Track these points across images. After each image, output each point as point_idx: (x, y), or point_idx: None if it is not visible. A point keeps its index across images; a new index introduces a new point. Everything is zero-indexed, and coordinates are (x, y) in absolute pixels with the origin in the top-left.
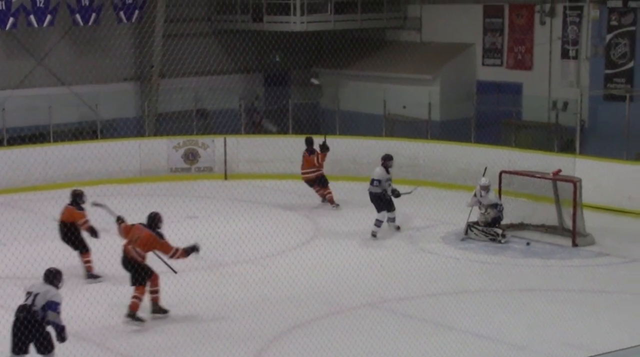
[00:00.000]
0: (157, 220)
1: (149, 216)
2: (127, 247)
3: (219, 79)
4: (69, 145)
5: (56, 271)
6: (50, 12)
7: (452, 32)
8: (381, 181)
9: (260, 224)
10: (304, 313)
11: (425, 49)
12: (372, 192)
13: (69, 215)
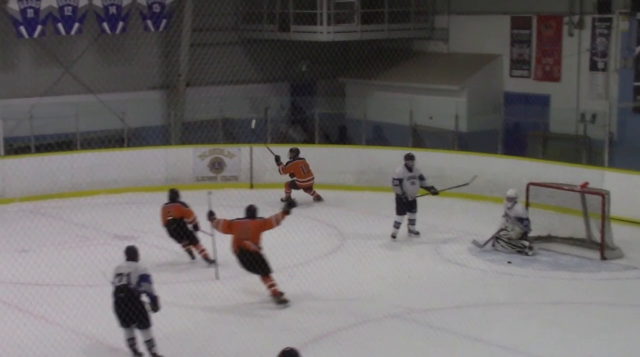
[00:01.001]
0: (256, 210)
1: (249, 209)
2: (243, 244)
3: (246, 88)
4: (96, 153)
5: (135, 248)
6: (79, 20)
7: (479, 43)
8: (402, 179)
9: (286, 233)
10: (329, 323)
11: (452, 59)
12: (397, 193)
13: (178, 212)
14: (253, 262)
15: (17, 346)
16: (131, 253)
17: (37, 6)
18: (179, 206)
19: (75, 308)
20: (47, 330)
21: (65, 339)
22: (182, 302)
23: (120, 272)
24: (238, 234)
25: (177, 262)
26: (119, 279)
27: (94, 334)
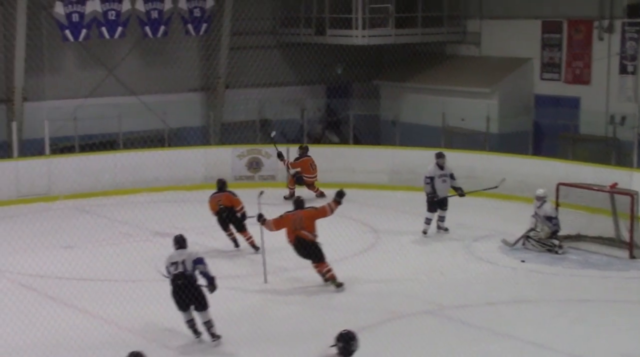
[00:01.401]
0: (304, 201)
1: (296, 201)
2: (299, 234)
3: (283, 90)
4: (138, 152)
5: (183, 236)
6: (122, 25)
7: (510, 46)
8: (433, 177)
9: (321, 231)
10: (363, 319)
11: (484, 63)
12: (425, 191)
13: (228, 200)
14: (309, 251)
15: (62, 338)
16: (181, 241)
17: (82, 11)
18: (228, 195)
19: (117, 302)
20: (89, 323)
21: (107, 332)
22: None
23: (175, 261)
24: (293, 226)
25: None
26: (175, 268)
27: (135, 327)
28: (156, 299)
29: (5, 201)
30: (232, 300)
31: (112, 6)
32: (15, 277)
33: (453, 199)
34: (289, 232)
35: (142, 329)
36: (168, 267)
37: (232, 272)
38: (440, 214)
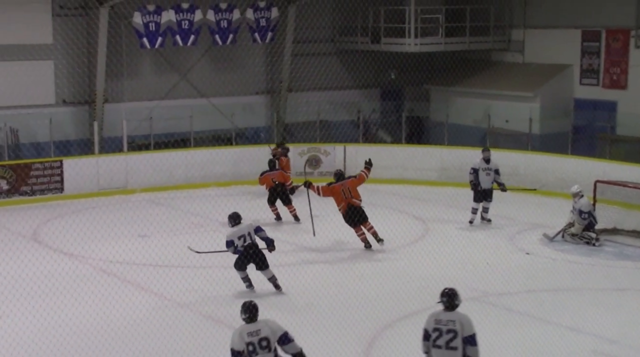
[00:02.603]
0: (344, 172)
1: (338, 173)
2: (350, 202)
3: (340, 93)
4: (207, 150)
5: (236, 213)
6: (194, 33)
7: (552, 54)
8: (478, 169)
9: (375, 224)
10: (413, 304)
11: (527, 69)
12: (469, 180)
13: (281, 177)
14: (358, 215)
15: (138, 318)
16: (237, 217)
17: (158, 20)
18: (281, 173)
19: (188, 286)
20: (163, 305)
21: (179, 314)
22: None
23: (242, 235)
24: (342, 195)
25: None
26: (244, 240)
27: (205, 310)
28: (224, 283)
29: (87, 193)
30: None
31: (185, 16)
32: (96, 263)
33: (498, 193)
34: (340, 201)
35: (211, 311)
36: (235, 241)
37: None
38: (484, 205)
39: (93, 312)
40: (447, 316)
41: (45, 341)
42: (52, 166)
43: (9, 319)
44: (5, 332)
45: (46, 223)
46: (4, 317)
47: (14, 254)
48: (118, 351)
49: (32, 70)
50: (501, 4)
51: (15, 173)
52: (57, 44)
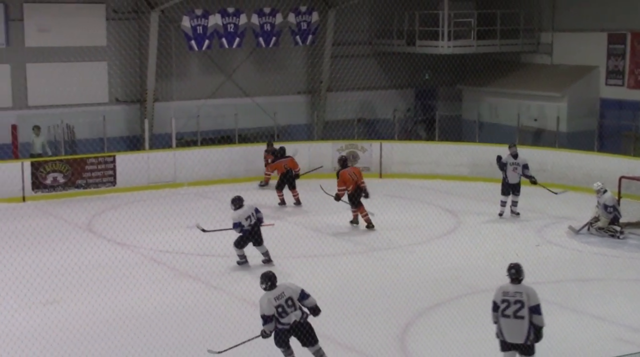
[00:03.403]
0: (347, 159)
1: (342, 159)
2: (359, 185)
3: (377, 93)
4: (251, 146)
5: (239, 196)
6: (239, 36)
7: (579, 56)
8: (506, 164)
9: (409, 216)
10: (444, 293)
11: (555, 70)
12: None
13: (292, 164)
14: (360, 196)
15: (186, 304)
16: (241, 200)
17: (205, 24)
18: (292, 160)
19: (234, 275)
20: (208, 291)
21: (222, 298)
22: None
23: (248, 215)
24: (351, 179)
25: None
26: (250, 220)
27: (249, 296)
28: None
29: (138, 186)
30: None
31: (231, 20)
32: (147, 252)
33: (528, 188)
34: (349, 184)
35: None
36: (242, 222)
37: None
38: (513, 199)
39: (143, 298)
40: (514, 288)
41: (98, 324)
42: (106, 161)
43: (65, 303)
44: (62, 316)
45: (100, 214)
46: (61, 302)
47: (71, 243)
48: (168, 335)
49: (88, 70)
50: (531, 8)
51: (72, 167)
52: (111, 46)
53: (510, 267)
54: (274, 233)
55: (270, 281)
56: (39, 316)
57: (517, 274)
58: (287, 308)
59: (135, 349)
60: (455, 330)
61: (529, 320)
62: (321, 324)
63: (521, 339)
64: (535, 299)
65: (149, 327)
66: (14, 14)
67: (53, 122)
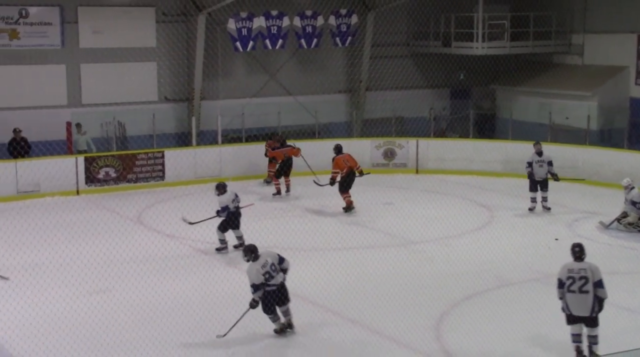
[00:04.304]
0: (342, 147)
1: (338, 147)
2: (352, 169)
3: (414, 92)
4: (293, 143)
5: (223, 182)
6: (282, 38)
7: (609, 56)
8: (532, 162)
9: (444, 210)
10: (478, 285)
11: (586, 70)
12: (526, 172)
13: (292, 152)
14: (351, 181)
15: (231, 292)
16: (224, 186)
17: (250, 26)
18: (291, 148)
19: None
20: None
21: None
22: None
23: (234, 198)
24: (344, 164)
25: (352, 230)
26: (235, 203)
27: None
28: (307, 262)
29: (185, 181)
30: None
31: (274, 22)
32: (193, 243)
33: (561, 184)
34: (342, 168)
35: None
36: (229, 205)
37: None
38: (542, 195)
39: (190, 287)
40: (578, 265)
41: (148, 313)
42: (155, 156)
43: (116, 292)
44: (114, 305)
45: (149, 207)
46: (113, 290)
47: (122, 235)
48: (213, 322)
49: (138, 70)
50: (563, 11)
51: (123, 162)
52: (160, 47)
53: (574, 246)
54: (314, 226)
55: (254, 252)
56: (92, 304)
57: (580, 253)
58: (273, 272)
59: (183, 337)
60: (488, 321)
61: (593, 294)
62: (359, 313)
63: (587, 312)
64: (599, 275)
65: (195, 316)
66: (69, 16)
67: (105, 120)
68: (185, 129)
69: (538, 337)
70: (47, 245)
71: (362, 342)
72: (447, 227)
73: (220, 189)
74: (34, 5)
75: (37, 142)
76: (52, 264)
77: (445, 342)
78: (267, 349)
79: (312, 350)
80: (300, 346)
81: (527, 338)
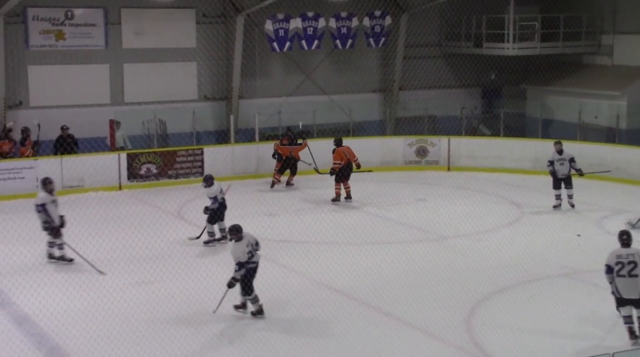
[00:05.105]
0: (342, 140)
1: (337, 140)
2: (350, 161)
3: (446, 92)
4: (328, 140)
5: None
6: (318, 38)
7: (638, 57)
8: (553, 161)
9: (475, 206)
10: (508, 279)
11: (615, 70)
12: (548, 171)
13: (296, 152)
14: (348, 172)
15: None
16: (211, 178)
17: (287, 27)
18: (298, 148)
19: (309, 259)
20: (287, 277)
21: (299, 282)
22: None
23: (220, 190)
24: (344, 156)
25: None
26: (222, 194)
27: (327, 280)
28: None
29: (223, 177)
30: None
31: (310, 23)
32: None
33: (589, 181)
34: (342, 159)
35: (330, 280)
36: (218, 195)
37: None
38: (567, 192)
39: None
40: (626, 251)
41: (188, 304)
42: (194, 153)
43: (158, 284)
44: (158, 296)
45: (189, 202)
46: (155, 283)
47: (163, 228)
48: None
49: (179, 70)
50: (592, 12)
51: (163, 159)
52: (200, 48)
53: (621, 233)
54: (350, 221)
55: (239, 232)
56: (136, 295)
57: (627, 239)
58: (254, 251)
59: (221, 326)
60: (517, 314)
61: None
62: (392, 306)
63: (636, 294)
64: None
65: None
66: (112, 18)
67: (147, 117)
68: (223, 126)
69: (566, 331)
70: (91, 238)
71: (394, 335)
72: (478, 223)
73: (209, 181)
74: (79, 7)
75: (81, 139)
76: (97, 256)
77: (476, 334)
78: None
79: (346, 341)
80: (335, 337)
81: (556, 332)
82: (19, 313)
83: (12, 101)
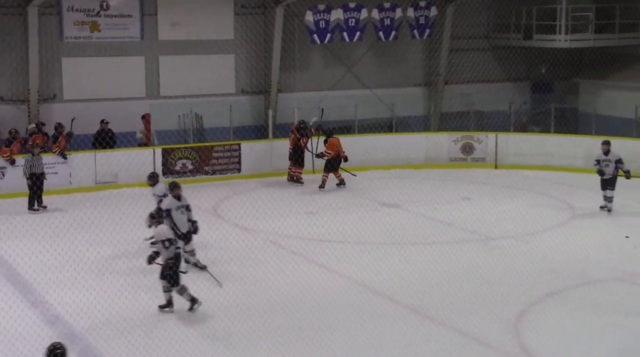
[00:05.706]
0: (333, 131)
1: (329, 130)
2: (340, 153)
3: (493, 86)
4: (370, 136)
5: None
6: (360, 30)
7: None
8: (599, 161)
9: (524, 206)
10: (559, 282)
11: None
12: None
13: (304, 143)
14: (338, 162)
15: (306, 284)
16: (157, 176)
17: (328, 18)
18: (307, 139)
19: (349, 260)
20: (325, 276)
21: (339, 283)
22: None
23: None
24: (335, 147)
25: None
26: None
27: (367, 281)
28: (386, 257)
29: (261, 173)
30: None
31: (352, 15)
32: (268, 236)
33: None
34: (334, 150)
35: (373, 281)
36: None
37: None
38: (607, 194)
39: (264, 279)
40: None
41: (222, 302)
42: (232, 149)
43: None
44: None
45: (226, 199)
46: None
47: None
48: (283, 315)
49: (216, 63)
50: None
51: (199, 154)
52: (238, 40)
53: None
54: (392, 221)
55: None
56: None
57: None
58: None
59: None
60: (568, 320)
61: None
62: (436, 310)
63: None
64: None
65: (266, 309)
66: (148, 9)
67: (183, 111)
68: (262, 121)
69: (620, 338)
70: (125, 235)
71: (438, 340)
72: (527, 224)
73: (153, 178)
74: None
75: (116, 133)
76: (132, 254)
77: (525, 340)
78: (345, 343)
79: (386, 345)
80: (375, 341)
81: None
82: (51, 312)
83: (47, 94)
